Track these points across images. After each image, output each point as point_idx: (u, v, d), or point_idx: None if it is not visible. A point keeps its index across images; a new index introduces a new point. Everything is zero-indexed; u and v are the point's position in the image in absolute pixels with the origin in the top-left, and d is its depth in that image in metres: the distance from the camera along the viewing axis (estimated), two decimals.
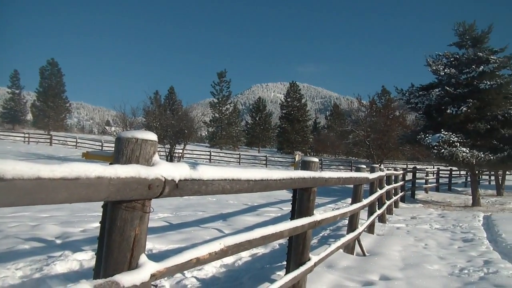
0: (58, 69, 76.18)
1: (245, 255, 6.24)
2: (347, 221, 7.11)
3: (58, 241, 6.36)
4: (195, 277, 4.98)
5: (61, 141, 49.67)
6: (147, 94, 62.16)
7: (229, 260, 5.83)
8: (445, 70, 18.92)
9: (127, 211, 1.82)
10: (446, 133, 17.25)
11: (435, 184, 26.11)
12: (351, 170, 41.60)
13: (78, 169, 1.47)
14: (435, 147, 17.17)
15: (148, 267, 1.89)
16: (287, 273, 4.04)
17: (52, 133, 58.40)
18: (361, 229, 6.98)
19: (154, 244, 6.44)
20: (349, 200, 7.49)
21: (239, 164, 47.43)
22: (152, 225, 7.68)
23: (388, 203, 11.58)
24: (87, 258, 5.31)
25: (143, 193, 1.78)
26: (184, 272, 4.93)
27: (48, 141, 48.62)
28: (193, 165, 2.20)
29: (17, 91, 79.74)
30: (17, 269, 4.72)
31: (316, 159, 4.22)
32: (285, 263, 4.39)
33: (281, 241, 6.83)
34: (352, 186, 7.01)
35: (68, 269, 4.92)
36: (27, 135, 49.31)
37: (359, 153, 58.79)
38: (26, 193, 1.31)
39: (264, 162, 49.24)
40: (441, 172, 28.67)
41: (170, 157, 35.65)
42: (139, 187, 1.74)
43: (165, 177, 1.88)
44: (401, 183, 16.71)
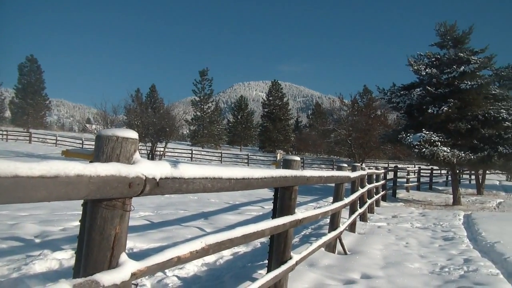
0: (37, 66, 75.08)
1: (227, 254, 6.24)
2: (328, 220, 7.15)
3: (37, 240, 6.28)
4: (176, 276, 4.96)
5: (40, 139, 48.98)
6: (129, 92, 61.80)
7: (210, 258, 5.82)
8: (427, 70, 19.09)
9: (107, 210, 1.80)
10: (427, 132, 17.39)
11: (416, 183, 26.33)
12: (332, 169, 41.81)
13: (57, 167, 1.45)
14: (416, 147, 17.29)
15: (128, 266, 1.88)
16: (268, 271, 4.04)
17: (31, 130, 57.51)
18: (342, 227, 7.02)
19: (135, 242, 6.40)
20: (331, 199, 7.52)
21: (221, 162, 47.35)
22: (133, 223, 7.64)
23: (369, 202, 11.67)
24: (66, 257, 5.25)
25: (124, 191, 1.77)
26: (165, 271, 4.91)
27: (27, 138, 48.00)
28: (175, 163, 2.19)
29: None
30: None
31: (297, 158, 4.23)
32: (266, 261, 4.39)
33: (263, 239, 6.83)
34: (333, 185, 7.04)
35: (47, 269, 4.86)
36: (5, 133, 48.51)
37: (340, 152, 59.13)
38: (3, 191, 1.29)
39: (246, 160, 49.22)
40: (422, 171, 28.93)
41: (151, 156, 35.47)
42: (119, 186, 1.73)
43: (146, 176, 1.87)
44: (383, 182, 16.85)
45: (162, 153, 38.53)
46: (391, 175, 22.02)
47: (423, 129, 17.65)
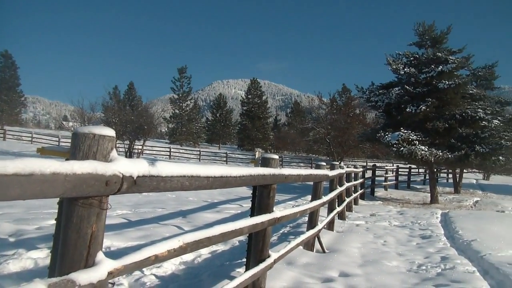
0: (12, 62, 73.63)
1: (205, 252, 6.22)
2: (307, 218, 7.18)
3: (11, 239, 6.18)
4: (154, 275, 4.93)
5: (15, 136, 48.15)
6: (106, 89, 61.24)
7: (188, 257, 5.79)
8: (405, 69, 19.17)
9: (83, 208, 1.79)
10: (405, 131, 17.47)
11: (394, 181, 26.46)
12: (311, 167, 42.03)
13: (32, 164, 1.43)
14: (395, 145, 17.34)
15: (105, 265, 1.86)
16: (246, 270, 4.04)
17: (5, 127, 56.47)
18: (321, 226, 7.06)
19: (112, 241, 6.35)
20: (309, 197, 7.55)
21: (199, 160, 47.20)
22: (110, 222, 7.58)
23: (347, 200, 11.74)
24: (42, 256, 5.18)
25: (100, 189, 1.75)
26: (143, 269, 4.88)
27: (1, 136, 47.12)
28: (152, 161, 2.18)
29: None
30: None
31: (276, 156, 4.24)
32: (245, 260, 4.40)
33: (241, 238, 6.83)
34: (312, 183, 7.07)
35: (21, 268, 4.79)
36: None
37: (319, 151, 59.51)
38: None
39: (224, 158, 49.14)
40: (400, 169, 29.14)
41: (129, 153, 35.25)
42: (96, 184, 1.71)
43: (123, 174, 1.85)
44: (361, 180, 16.96)
45: (140, 151, 38.28)
46: (369, 174, 22.14)
47: (402, 128, 17.72)
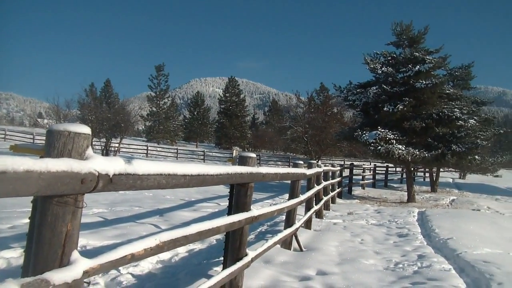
0: None
1: (182, 251, 6.20)
2: (284, 217, 7.19)
3: None
4: (131, 274, 4.90)
5: None
6: (82, 86, 60.49)
7: (165, 256, 5.77)
8: (383, 68, 19.32)
9: (58, 206, 1.76)
10: (382, 130, 17.58)
11: (371, 180, 26.69)
12: (289, 166, 42.18)
13: (4, 162, 1.40)
14: (372, 144, 17.43)
15: (80, 264, 1.84)
16: (224, 268, 4.04)
17: None
18: (298, 224, 7.08)
19: (88, 240, 6.29)
20: (287, 195, 7.58)
21: (177, 159, 46.93)
22: (86, 220, 7.50)
23: (325, 199, 11.80)
24: (15, 255, 5.10)
25: (76, 187, 1.73)
26: (119, 268, 4.84)
27: None
28: (129, 159, 2.16)
29: None
30: None
31: (253, 155, 4.24)
32: (222, 258, 4.39)
33: (219, 236, 6.83)
34: (289, 182, 7.09)
35: None
36: None
37: (297, 149, 59.76)
38: None
39: (202, 157, 48.97)
40: (377, 168, 29.35)
41: (106, 151, 34.91)
42: (71, 182, 1.69)
43: (98, 172, 1.83)
44: (338, 179, 17.08)
45: (116, 149, 37.93)
46: (347, 172, 22.30)
47: (379, 127, 17.82)
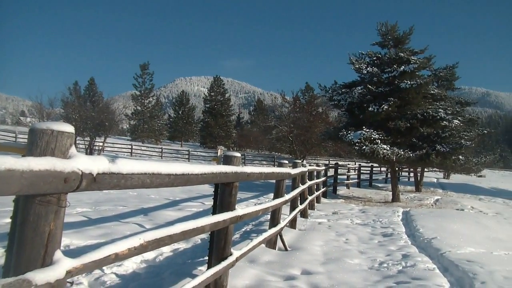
0: None
1: (167, 250, 6.18)
2: (269, 216, 7.20)
3: None
4: (115, 273, 4.87)
5: None
6: (66, 84, 59.96)
7: (150, 255, 5.74)
8: (368, 68, 19.42)
9: (41, 206, 1.75)
10: (367, 130, 17.65)
11: (356, 180, 26.79)
12: (274, 165, 42.20)
13: None
14: (357, 144, 17.48)
15: (63, 264, 1.83)
16: (208, 268, 4.03)
17: None
18: (283, 224, 7.09)
19: (71, 239, 6.24)
20: (272, 195, 7.58)
21: (161, 158, 46.74)
22: (69, 220, 7.44)
23: (310, 198, 11.83)
24: None
25: (59, 186, 1.72)
26: (103, 268, 4.81)
27: None
28: (113, 158, 2.15)
29: None
30: None
31: (238, 154, 4.24)
32: (207, 258, 4.39)
33: (203, 236, 6.82)
34: (274, 181, 7.10)
35: None
36: None
37: (282, 149, 59.78)
38: None
39: (186, 156, 48.83)
40: (362, 168, 29.44)
41: (89, 150, 34.69)
42: (54, 181, 1.68)
43: (82, 171, 1.82)
44: (323, 178, 17.13)
45: (101, 148, 37.69)
46: (331, 172, 22.35)
47: (364, 127, 17.90)
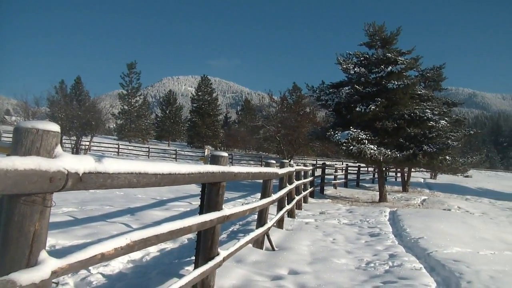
0: None
1: (153, 250, 6.16)
2: (256, 216, 7.20)
3: None
4: (101, 273, 4.85)
5: None
6: (52, 83, 59.54)
7: (136, 255, 5.72)
8: (355, 69, 19.46)
9: (26, 206, 1.73)
10: (355, 130, 17.67)
11: (343, 180, 26.84)
12: (261, 165, 42.22)
13: None
14: (344, 144, 17.50)
15: (48, 264, 1.81)
16: (195, 268, 4.02)
17: None
18: (270, 224, 7.09)
19: (57, 239, 6.19)
20: (259, 195, 7.58)
21: (148, 157, 46.52)
22: (55, 220, 7.38)
23: (297, 198, 11.84)
24: None
25: (44, 186, 1.70)
26: (89, 268, 4.79)
27: None
28: (99, 157, 2.14)
29: None
30: None
31: (225, 154, 4.24)
32: (194, 258, 4.38)
33: (190, 236, 6.80)
34: (261, 181, 7.10)
35: None
36: None
37: (269, 149, 59.87)
38: None
39: (174, 156, 48.66)
40: (349, 168, 29.48)
41: (76, 150, 34.45)
42: (39, 180, 1.66)
43: (68, 170, 1.81)
44: (311, 178, 17.15)
45: (87, 147, 37.46)
46: (319, 172, 22.39)
47: (351, 127, 17.92)
